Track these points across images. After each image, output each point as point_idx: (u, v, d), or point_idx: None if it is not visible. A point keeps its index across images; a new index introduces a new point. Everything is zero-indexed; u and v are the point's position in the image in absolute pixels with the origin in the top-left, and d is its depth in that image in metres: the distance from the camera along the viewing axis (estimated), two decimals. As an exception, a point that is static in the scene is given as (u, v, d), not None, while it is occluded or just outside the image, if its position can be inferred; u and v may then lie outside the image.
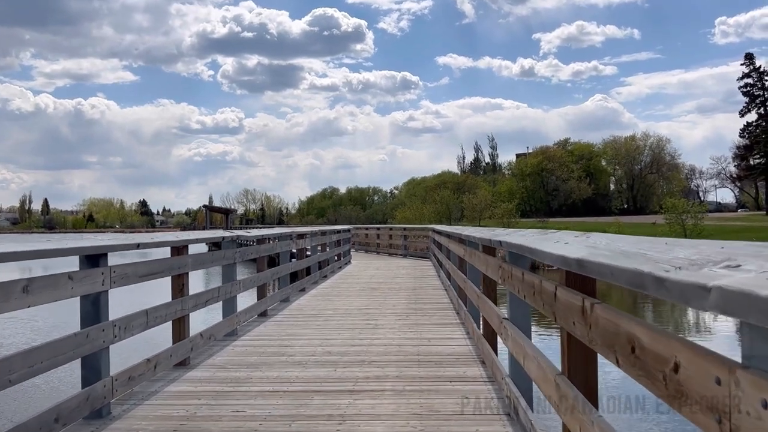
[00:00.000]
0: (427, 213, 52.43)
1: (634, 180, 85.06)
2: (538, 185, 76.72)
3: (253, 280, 7.63)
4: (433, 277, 13.63)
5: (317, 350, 5.94)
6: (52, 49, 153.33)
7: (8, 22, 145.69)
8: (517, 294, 3.43)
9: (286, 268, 9.57)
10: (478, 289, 5.78)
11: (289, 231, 9.66)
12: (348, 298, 10.14)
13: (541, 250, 2.48)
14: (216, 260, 6.17)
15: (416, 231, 23.32)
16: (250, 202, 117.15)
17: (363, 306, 9.12)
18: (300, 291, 10.93)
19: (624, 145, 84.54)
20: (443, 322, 7.50)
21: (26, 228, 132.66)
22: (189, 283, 5.43)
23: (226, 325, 6.50)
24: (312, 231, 12.42)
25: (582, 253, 1.95)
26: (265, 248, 8.05)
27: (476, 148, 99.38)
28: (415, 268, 16.54)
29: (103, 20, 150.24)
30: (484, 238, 4.49)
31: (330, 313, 8.47)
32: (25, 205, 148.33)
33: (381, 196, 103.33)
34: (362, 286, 11.85)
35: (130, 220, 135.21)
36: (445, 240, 10.41)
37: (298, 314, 8.38)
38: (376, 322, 7.62)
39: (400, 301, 9.56)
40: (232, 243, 6.73)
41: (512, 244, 3.23)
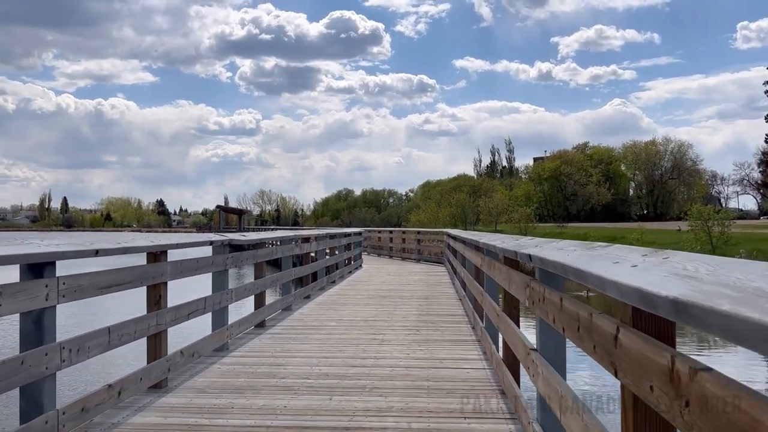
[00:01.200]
0: (442, 216, 51.59)
1: (654, 185, 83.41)
2: (555, 190, 75.39)
3: (248, 288, 6.96)
4: (447, 284, 12.89)
5: (313, 371, 5.24)
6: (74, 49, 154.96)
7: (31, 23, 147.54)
8: (551, 323, 2.70)
9: (288, 275, 8.89)
10: (497, 306, 5.04)
11: (292, 234, 8.98)
12: (355, 307, 9.44)
13: (597, 275, 1.75)
14: (203, 267, 5.50)
15: (430, 235, 22.58)
16: (265, 203, 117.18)
17: (370, 317, 8.41)
18: (305, 298, 10.25)
19: (644, 149, 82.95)
20: (457, 339, 6.76)
21: (45, 226, 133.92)
22: (167, 294, 4.77)
23: (215, 339, 5.83)
24: (319, 234, 11.74)
25: (681, 289, 1.23)
26: (263, 253, 7.39)
27: (493, 152, 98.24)
28: (428, 274, 15.80)
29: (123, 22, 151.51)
30: (507, 249, 3.75)
31: (333, 324, 7.77)
32: (45, 204, 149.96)
33: (396, 198, 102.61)
34: (371, 294, 11.15)
35: (147, 220, 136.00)
36: (461, 246, 9.67)
37: (299, 326, 7.69)
38: (382, 336, 6.91)
39: (410, 312, 8.84)
40: (222, 248, 6.06)
41: (548, 260, 2.50)
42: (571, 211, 72.36)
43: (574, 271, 2.04)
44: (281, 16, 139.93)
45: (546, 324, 2.88)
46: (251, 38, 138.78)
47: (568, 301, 2.39)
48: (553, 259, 2.40)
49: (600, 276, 1.72)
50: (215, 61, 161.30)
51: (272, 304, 8.10)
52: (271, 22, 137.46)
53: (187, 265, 5.15)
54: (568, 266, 2.14)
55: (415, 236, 21.74)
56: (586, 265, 1.95)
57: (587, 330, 2.06)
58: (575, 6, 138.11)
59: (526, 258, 3.07)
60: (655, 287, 1.34)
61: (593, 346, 2.00)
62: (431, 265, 19.28)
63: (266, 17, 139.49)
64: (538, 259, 2.75)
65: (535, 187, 72.67)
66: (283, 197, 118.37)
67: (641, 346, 1.58)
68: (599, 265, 1.90)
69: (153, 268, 4.55)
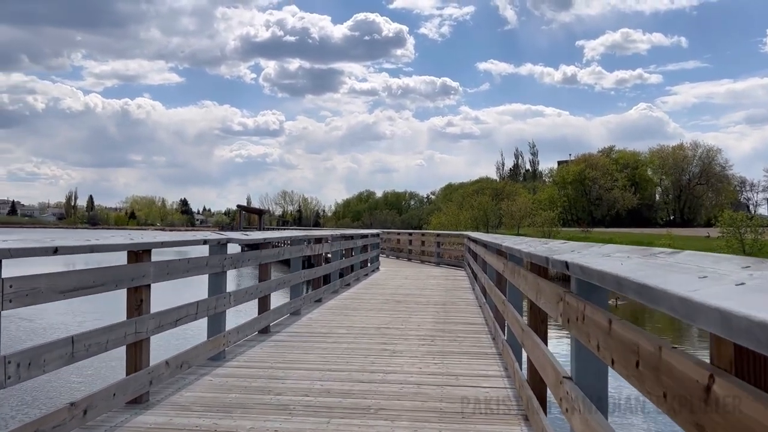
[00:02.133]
0: (463, 219, 50.76)
1: (681, 191, 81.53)
2: (580, 194, 73.92)
3: (250, 291, 6.44)
4: (466, 290, 12.27)
5: (314, 387, 4.69)
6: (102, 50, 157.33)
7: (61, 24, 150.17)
8: (592, 350, 2.12)
9: (297, 277, 8.37)
10: (521, 319, 4.45)
11: (302, 235, 8.45)
12: (368, 313, 8.88)
13: (681, 297, 1.17)
14: (195, 268, 4.99)
15: (450, 237, 21.96)
16: (287, 203, 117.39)
17: (383, 324, 7.85)
18: (316, 302, 9.73)
19: (671, 154, 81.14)
20: (476, 351, 6.17)
21: (71, 223, 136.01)
22: (151, 299, 4.27)
23: (209, 347, 5.32)
24: (333, 235, 11.22)
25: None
26: (269, 254, 6.87)
27: (516, 155, 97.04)
28: (447, 278, 15.18)
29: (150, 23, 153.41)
30: (536, 254, 3.16)
31: (343, 332, 7.22)
32: (71, 202, 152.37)
33: (417, 200, 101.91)
34: (386, 298, 10.59)
35: (170, 219, 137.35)
36: (482, 250, 9.07)
37: (306, 332, 7.16)
38: (394, 347, 6.34)
39: (426, 319, 8.26)
40: (219, 247, 5.55)
41: (592, 270, 1.92)
42: (596, 215, 70.94)
43: (637, 288, 1.46)
44: (306, 18, 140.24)
45: (585, 348, 2.30)
46: (276, 40, 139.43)
47: (621, 325, 1.80)
48: (600, 269, 1.82)
49: (687, 298, 1.14)
50: (240, 63, 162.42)
51: (278, 308, 7.59)
52: (296, 24, 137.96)
53: (176, 266, 4.64)
54: (625, 279, 1.55)
55: (435, 239, 21.12)
56: (657, 279, 1.37)
57: (654, 369, 1.48)
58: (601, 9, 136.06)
59: (560, 266, 2.48)
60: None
61: (663, 393, 1.42)
62: (451, 268, 18.65)
63: (291, 19, 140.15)
64: (577, 268, 2.16)
65: (559, 191, 71.41)
66: (305, 198, 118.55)
67: (756, 410, 1.00)
68: (676, 279, 1.32)
69: (133, 269, 4.05)
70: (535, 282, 3.48)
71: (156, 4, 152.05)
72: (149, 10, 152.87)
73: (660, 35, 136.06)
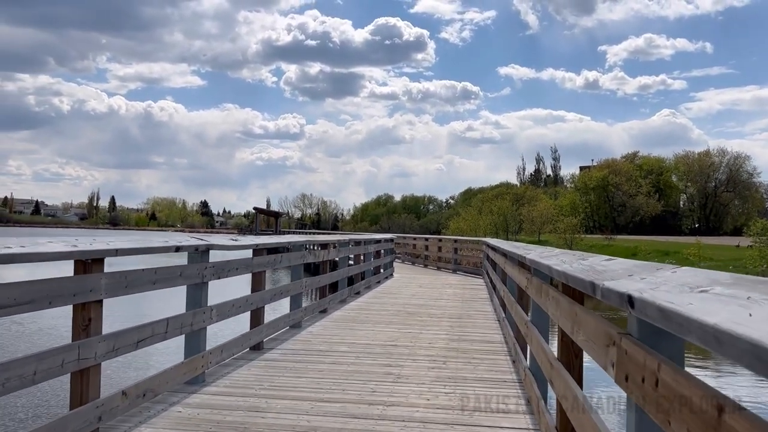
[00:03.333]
0: (482, 224, 49.78)
1: (707, 198, 79.50)
2: (602, 200, 72.33)
3: (238, 304, 5.70)
4: (484, 301, 11.45)
5: (299, 424, 3.95)
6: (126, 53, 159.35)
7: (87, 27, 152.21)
8: None
9: (297, 286, 7.64)
10: (548, 349, 3.67)
11: (303, 240, 7.72)
12: (375, 326, 8.13)
13: None
14: (165, 280, 4.28)
15: (469, 243, 21.12)
16: (306, 206, 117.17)
17: (390, 340, 7.09)
18: (320, 312, 9.00)
19: (697, 160, 79.22)
20: (493, 378, 5.38)
21: (93, 224, 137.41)
22: (102, 315, 3.56)
23: (183, 370, 4.60)
24: (341, 240, 10.48)
25: None
26: (261, 262, 6.14)
27: (538, 159, 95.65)
28: (464, 287, 14.36)
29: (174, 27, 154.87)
30: (574, 275, 2.38)
31: (344, 349, 6.47)
32: (93, 202, 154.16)
33: (436, 205, 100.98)
34: (397, 310, 9.82)
35: (190, 220, 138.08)
36: (501, 259, 8.27)
37: (302, 350, 6.42)
38: (400, 369, 5.58)
39: (439, 336, 7.48)
40: (199, 255, 4.85)
41: (695, 322, 1.13)
42: (619, 222, 69.37)
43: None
44: (327, 23, 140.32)
45: (655, 427, 1.52)
46: (297, 44, 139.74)
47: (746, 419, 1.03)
48: (717, 325, 1.04)
49: None
50: (261, 66, 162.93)
51: (274, 322, 6.86)
52: (317, 28, 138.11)
53: (137, 278, 3.93)
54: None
55: (452, 244, 20.30)
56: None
57: None
58: (624, 14, 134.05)
59: (617, 299, 1.71)
60: None
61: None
62: (468, 276, 17.82)
63: (312, 23, 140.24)
64: (653, 309, 1.38)
65: (581, 197, 70.04)
66: (324, 201, 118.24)
67: None
68: None
69: (77, 281, 3.35)
70: (571, 310, 2.70)
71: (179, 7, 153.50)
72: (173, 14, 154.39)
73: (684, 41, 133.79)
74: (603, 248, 34.69)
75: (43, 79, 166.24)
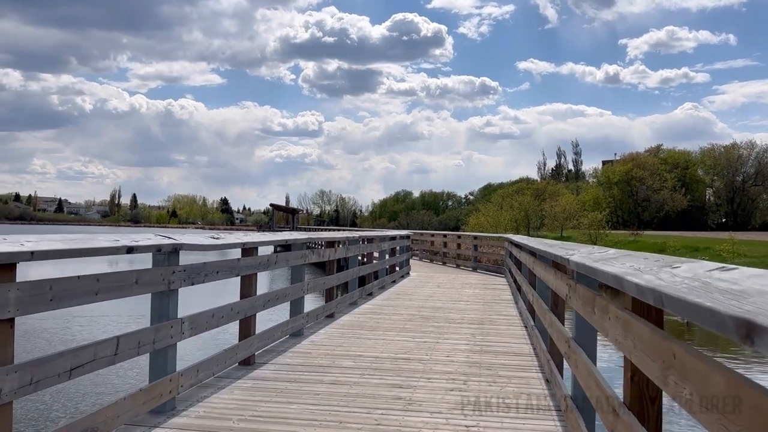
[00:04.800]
0: (503, 220, 48.56)
1: (734, 192, 77.20)
2: (626, 195, 70.44)
3: (221, 314, 4.81)
4: (507, 304, 10.48)
5: (278, 475, 3.06)
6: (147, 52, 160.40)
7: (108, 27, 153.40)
8: None
9: (297, 290, 6.75)
10: (607, 386, 2.72)
11: (305, 237, 6.83)
12: (387, 333, 7.22)
13: None
14: (113, 289, 3.41)
15: (489, 240, 20.11)
16: (325, 203, 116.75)
17: (403, 352, 6.17)
18: (327, 317, 8.13)
19: (724, 154, 76.95)
20: (525, 404, 4.43)
21: (114, 221, 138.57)
22: (14, 337, 2.70)
23: (143, 399, 3.73)
24: (350, 237, 9.59)
25: None
26: (251, 264, 5.26)
27: (559, 154, 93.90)
28: (485, 287, 13.39)
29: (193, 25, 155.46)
30: (690, 300, 1.43)
31: (348, 364, 5.57)
32: (115, 200, 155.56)
33: (455, 201, 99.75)
34: (412, 314, 8.90)
35: (210, 218, 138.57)
36: (528, 259, 7.31)
37: (300, 365, 5.53)
38: (412, 393, 4.66)
39: (458, 346, 6.55)
40: (163, 257, 3.98)
41: None
42: (643, 218, 67.49)
43: None
44: (344, 19, 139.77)
45: None
46: (314, 41, 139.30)
47: None
48: None
49: None
50: (280, 64, 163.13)
51: (269, 331, 5.99)
52: (335, 24, 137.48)
53: (68, 288, 3.05)
54: None
55: (472, 241, 19.31)
56: None
57: None
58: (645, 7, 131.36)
59: None
60: None
61: None
62: (489, 275, 16.83)
63: (329, 20, 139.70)
64: None
65: (604, 192, 68.37)
66: (342, 198, 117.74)
67: None
68: None
69: (-31, 296, 2.48)
70: (664, 347, 1.76)
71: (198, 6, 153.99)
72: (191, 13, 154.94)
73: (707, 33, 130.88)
74: (628, 244, 33.35)
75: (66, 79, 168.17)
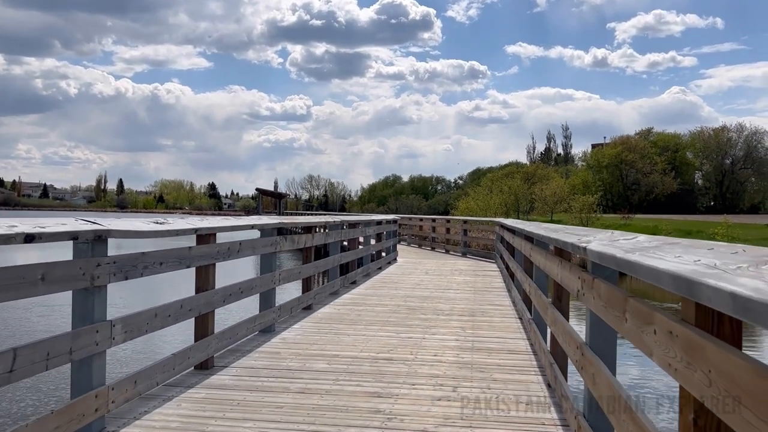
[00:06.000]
0: (493, 204, 47.95)
1: (723, 175, 77.10)
2: (616, 178, 70.04)
3: (166, 312, 4.06)
4: (499, 292, 9.82)
5: None
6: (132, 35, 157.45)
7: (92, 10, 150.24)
8: None
9: (265, 282, 6.01)
10: (637, 407, 2.03)
11: (275, 222, 6.09)
12: (368, 328, 6.53)
13: None
14: (10, 288, 2.67)
15: (479, 225, 19.46)
16: (314, 188, 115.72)
17: (384, 350, 5.48)
18: (304, 309, 7.43)
19: (714, 137, 76.68)
20: (527, 418, 3.75)
21: (100, 207, 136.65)
22: None
23: (57, 421, 3.00)
24: (332, 222, 8.85)
25: None
26: (205, 253, 4.53)
27: (548, 138, 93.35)
28: (476, 273, 12.74)
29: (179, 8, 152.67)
30: None
31: (322, 367, 4.87)
32: (101, 185, 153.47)
33: (444, 185, 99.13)
34: (397, 304, 8.22)
35: (198, 203, 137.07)
36: (524, 245, 6.61)
37: (266, 368, 4.81)
38: (392, 404, 3.96)
39: (447, 343, 5.87)
40: (86, 247, 3.24)
41: None
42: (633, 201, 67.23)
43: None
44: (332, 2, 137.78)
45: None
46: (302, 24, 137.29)
47: None
48: None
49: None
50: (267, 47, 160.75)
51: (232, 329, 5.26)
52: (322, 7, 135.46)
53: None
54: None
55: (461, 226, 18.64)
56: None
57: None
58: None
59: None
60: None
61: None
62: (479, 260, 16.19)
63: (317, 3, 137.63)
64: None
65: (593, 175, 67.91)
66: (331, 182, 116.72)
67: None
68: None
69: None
70: (755, 376, 1.06)
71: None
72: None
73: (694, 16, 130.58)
74: (620, 228, 32.90)
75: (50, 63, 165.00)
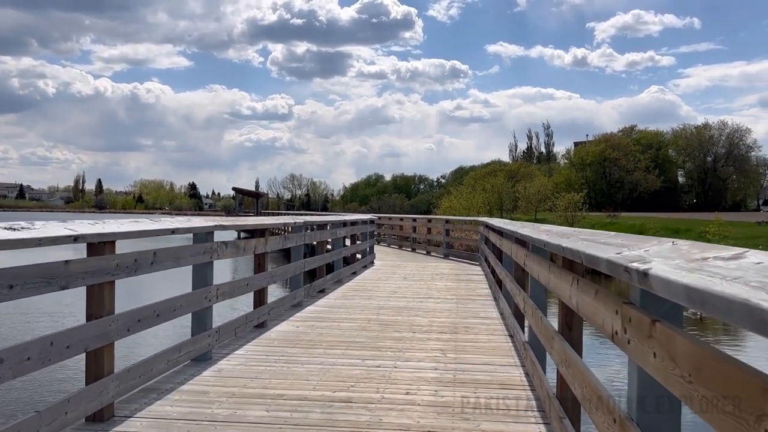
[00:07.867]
0: (476, 203, 46.98)
1: (706, 173, 77.05)
2: (599, 176, 69.52)
3: (29, 352, 2.90)
4: (485, 300, 8.72)
5: None
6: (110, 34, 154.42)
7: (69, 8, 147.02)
8: None
9: (196, 300, 4.82)
10: None
11: (211, 225, 4.91)
12: (328, 353, 5.37)
13: None
14: None
15: (463, 224, 18.38)
16: (296, 187, 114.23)
17: (343, 388, 4.33)
18: (257, 327, 6.26)
19: (696, 135, 76.59)
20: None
21: (78, 207, 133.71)
22: None
23: None
24: (293, 224, 7.68)
25: None
26: (104, 266, 3.36)
27: (530, 136, 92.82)
28: (458, 278, 11.64)
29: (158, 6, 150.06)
30: None
31: (257, 417, 3.70)
32: (79, 185, 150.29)
33: (427, 184, 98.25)
34: (368, 318, 7.08)
35: (178, 203, 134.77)
36: (515, 249, 5.49)
37: (179, 420, 3.63)
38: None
39: (423, 374, 4.73)
40: None
41: None
42: (616, 199, 66.75)
43: None
44: (313, 1, 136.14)
45: None
46: (283, 23, 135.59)
47: None
48: None
49: None
50: (248, 46, 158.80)
51: (145, 363, 4.08)
52: (303, 6, 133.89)
53: None
54: None
55: (444, 225, 17.55)
56: None
57: None
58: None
59: None
60: None
61: None
62: (462, 263, 15.11)
63: (298, 2, 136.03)
64: None
65: (576, 173, 67.33)
66: (313, 182, 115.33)
67: None
68: None
69: None
70: None
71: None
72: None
73: (672, 17, 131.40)
74: (606, 226, 32.07)
75: (27, 62, 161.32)
